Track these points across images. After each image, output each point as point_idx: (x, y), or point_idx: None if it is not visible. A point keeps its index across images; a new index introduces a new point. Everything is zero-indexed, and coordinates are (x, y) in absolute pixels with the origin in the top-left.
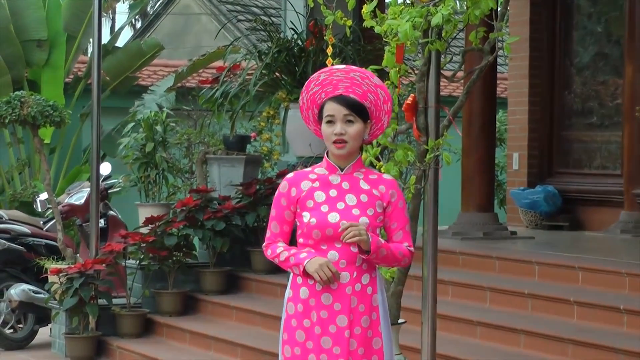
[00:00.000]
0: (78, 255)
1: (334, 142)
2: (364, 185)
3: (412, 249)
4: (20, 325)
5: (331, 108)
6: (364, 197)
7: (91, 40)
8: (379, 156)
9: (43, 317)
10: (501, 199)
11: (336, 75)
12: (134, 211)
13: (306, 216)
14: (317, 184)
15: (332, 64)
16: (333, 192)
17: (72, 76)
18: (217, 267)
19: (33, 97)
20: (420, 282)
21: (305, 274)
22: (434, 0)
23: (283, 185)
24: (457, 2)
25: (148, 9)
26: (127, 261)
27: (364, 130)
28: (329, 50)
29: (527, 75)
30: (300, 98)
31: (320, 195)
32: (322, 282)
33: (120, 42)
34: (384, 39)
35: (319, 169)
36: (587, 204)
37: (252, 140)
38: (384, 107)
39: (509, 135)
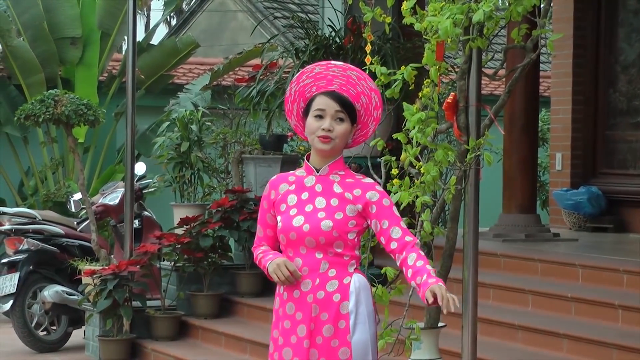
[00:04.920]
0: (112, 256)
1: (319, 137)
2: (336, 189)
3: (411, 238)
4: (54, 327)
5: (322, 102)
6: (334, 201)
7: (125, 37)
8: (419, 156)
9: (76, 319)
10: (544, 200)
11: (332, 71)
12: (168, 212)
13: (279, 220)
14: (293, 186)
15: (371, 62)
16: (305, 195)
17: (106, 74)
18: (253, 269)
19: (67, 96)
20: (461, 285)
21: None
22: None
23: (266, 187)
24: None
25: (183, 5)
26: (161, 263)
27: (350, 132)
28: (368, 48)
29: (570, 74)
30: (289, 89)
31: (292, 199)
32: (281, 283)
33: (155, 40)
34: (423, 37)
35: (300, 171)
36: (632, 206)
37: (288, 139)
38: (374, 113)
39: (552, 135)
